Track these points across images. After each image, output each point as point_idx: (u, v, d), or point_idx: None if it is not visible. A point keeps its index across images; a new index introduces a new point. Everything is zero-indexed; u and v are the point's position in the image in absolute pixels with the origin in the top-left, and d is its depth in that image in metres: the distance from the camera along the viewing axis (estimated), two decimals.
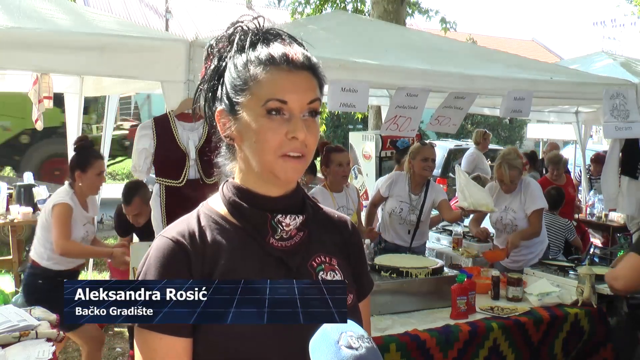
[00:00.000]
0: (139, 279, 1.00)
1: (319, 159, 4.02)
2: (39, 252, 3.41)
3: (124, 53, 3.01)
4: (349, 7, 10.23)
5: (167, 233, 1.04)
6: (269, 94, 1.00)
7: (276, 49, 1.02)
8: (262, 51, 1.02)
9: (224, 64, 1.06)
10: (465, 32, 15.61)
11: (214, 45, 1.08)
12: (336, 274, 1.10)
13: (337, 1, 10.13)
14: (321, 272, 1.09)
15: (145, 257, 1.03)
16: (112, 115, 6.09)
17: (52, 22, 3.09)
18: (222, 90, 1.05)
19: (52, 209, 3.33)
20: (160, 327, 0.96)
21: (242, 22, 1.07)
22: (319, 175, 4.68)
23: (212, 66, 1.07)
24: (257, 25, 1.06)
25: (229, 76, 1.04)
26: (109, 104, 6.01)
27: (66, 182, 3.54)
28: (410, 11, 9.77)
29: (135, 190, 3.82)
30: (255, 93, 1.01)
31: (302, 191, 1.12)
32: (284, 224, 1.05)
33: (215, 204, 1.10)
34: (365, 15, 9.34)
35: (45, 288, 3.33)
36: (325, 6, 10.04)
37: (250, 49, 1.03)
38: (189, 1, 22.73)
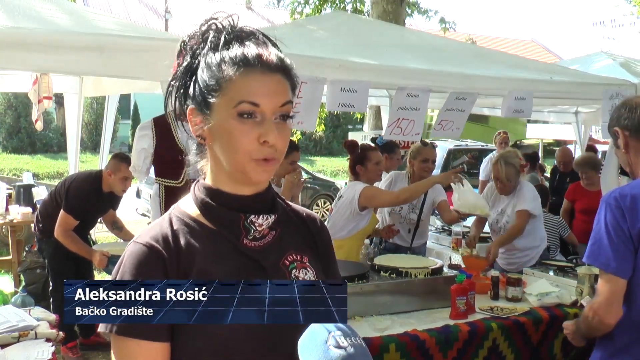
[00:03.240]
0: None
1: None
2: None
3: (123, 53, 3.01)
4: (349, 7, 10.23)
5: (141, 239, 1.02)
6: (241, 96, 0.99)
7: (250, 49, 1.01)
8: (235, 51, 1.01)
9: (196, 61, 1.04)
10: (465, 32, 15.62)
11: (187, 41, 1.06)
12: (308, 271, 1.10)
13: (337, 1, 10.14)
14: (294, 270, 1.09)
15: (118, 264, 1.01)
16: (112, 115, 6.10)
17: (52, 22, 3.09)
18: (194, 88, 1.04)
19: None
20: (138, 333, 0.95)
21: (216, 19, 1.05)
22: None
23: (185, 63, 1.05)
24: (231, 23, 1.05)
25: (202, 75, 1.02)
26: (109, 104, 6.02)
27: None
28: (409, 11, 9.78)
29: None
30: (228, 94, 1.00)
31: (272, 190, 1.12)
32: (256, 224, 1.05)
33: (186, 206, 1.09)
34: (364, 15, 9.34)
35: None
36: (325, 6, 10.04)
37: (224, 48, 1.02)
38: (189, 1, 22.73)
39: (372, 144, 4.36)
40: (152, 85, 4.35)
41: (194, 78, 1.04)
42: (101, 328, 0.97)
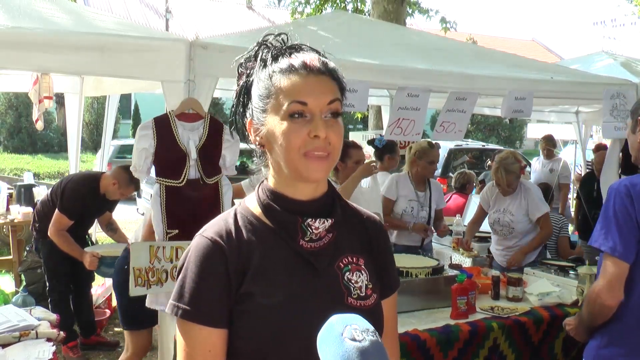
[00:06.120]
0: (179, 276, 1.10)
1: None
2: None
3: (124, 53, 3.00)
4: (349, 7, 10.23)
5: (206, 233, 1.12)
6: (290, 97, 1.06)
7: (296, 58, 1.09)
8: (283, 62, 1.09)
9: (251, 79, 1.14)
10: (465, 32, 15.59)
11: (243, 63, 1.16)
12: (362, 274, 1.15)
13: (337, 1, 10.13)
14: (347, 273, 1.14)
15: (184, 256, 1.12)
16: (112, 115, 6.09)
17: (52, 22, 3.09)
18: (251, 102, 1.13)
19: None
20: (199, 319, 1.06)
21: (266, 40, 1.14)
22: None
23: (241, 82, 1.15)
24: (282, 42, 1.13)
25: (256, 89, 1.12)
26: (109, 104, 6.01)
27: None
28: (410, 11, 9.77)
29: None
30: (278, 98, 1.08)
31: (333, 193, 1.17)
32: (313, 227, 1.10)
33: (251, 204, 1.17)
34: (365, 15, 9.34)
35: None
36: (325, 6, 10.04)
37: (273, 62, 1.10)
38: (189, 1, 22.73)
39: (370, 146, 4.37)
40: (153, 85, 4.34)
41: (250, 94, 1.14)
42: (168, 310, 1.09)
